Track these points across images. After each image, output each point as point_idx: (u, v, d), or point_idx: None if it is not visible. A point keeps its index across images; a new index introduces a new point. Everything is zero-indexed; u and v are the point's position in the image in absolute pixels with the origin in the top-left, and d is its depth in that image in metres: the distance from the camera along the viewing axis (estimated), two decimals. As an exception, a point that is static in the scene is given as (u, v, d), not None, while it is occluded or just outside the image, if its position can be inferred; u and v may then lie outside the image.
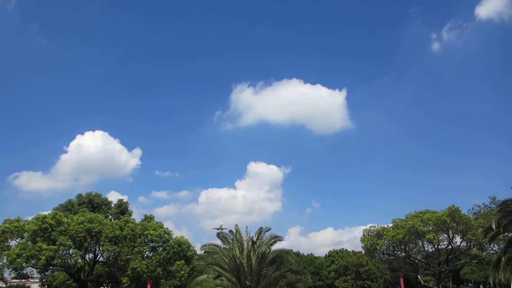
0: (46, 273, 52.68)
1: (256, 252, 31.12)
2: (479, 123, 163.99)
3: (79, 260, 46.10)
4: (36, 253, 38.93)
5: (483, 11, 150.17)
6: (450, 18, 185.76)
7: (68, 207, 56.31)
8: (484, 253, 63.40)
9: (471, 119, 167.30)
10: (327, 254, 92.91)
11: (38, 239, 39.96)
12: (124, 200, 63.08)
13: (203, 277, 31.49)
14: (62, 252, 41.17)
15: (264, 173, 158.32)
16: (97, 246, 46.00)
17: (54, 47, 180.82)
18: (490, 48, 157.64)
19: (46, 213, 43.19)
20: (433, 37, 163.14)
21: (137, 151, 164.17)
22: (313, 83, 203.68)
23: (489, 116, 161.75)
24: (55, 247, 39.56)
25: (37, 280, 61.94)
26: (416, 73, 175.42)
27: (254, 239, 32.31)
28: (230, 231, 37.54)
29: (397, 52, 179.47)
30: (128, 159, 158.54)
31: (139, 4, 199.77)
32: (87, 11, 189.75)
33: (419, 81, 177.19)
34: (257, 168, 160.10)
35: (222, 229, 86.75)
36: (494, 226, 33.03)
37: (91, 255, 48.18)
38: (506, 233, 36.80)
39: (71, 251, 42.04)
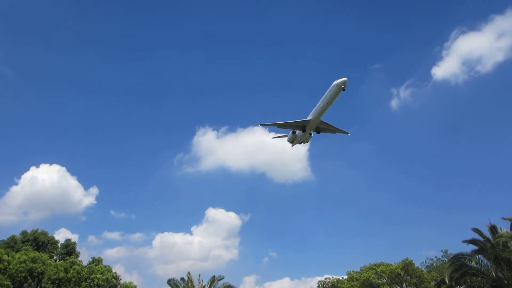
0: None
1: (209, 300, 30.15)
2: (432, 177, 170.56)
3: (17, 303, 42.83)
4: (-32, 293, 35.94)
5: (439, 72, 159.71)
6: (410, 76, 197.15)
7: (11, 244, 52.70)
8: (436, 307, 64.05)
9: (425, 173, 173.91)
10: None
11: (-28, 277, 37.03)
12: (72, 240, 60.00)
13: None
14: (-2, 293, 38.18)
15: (223, 219, 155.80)
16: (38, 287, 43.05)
17: (18, 78, 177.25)
18: (443, 107, 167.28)
19: (-15, 249, 40.36)
20: (393, 92, 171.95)
21: (94, 190, 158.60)
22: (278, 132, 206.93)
23: (441, 171, 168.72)
24: (-9, 287, 36.72)
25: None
26: (376, 126, 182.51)
27: (207, 287, 31.36)
28: (182, 278, 36.26)
29: (361, 105, 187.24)
30: (83, 197, 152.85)
31: (103, 41, 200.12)
32: (53, 46, 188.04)
33: (379, 134, 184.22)
34: (215, 214, 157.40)
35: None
36: (446, 280, 33.56)
37: (30, 298, 44.86)
38: (458, 287, 37.36)
39: (8, 292, 39.05)
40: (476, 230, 35.99)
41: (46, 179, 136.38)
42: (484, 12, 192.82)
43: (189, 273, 32.42)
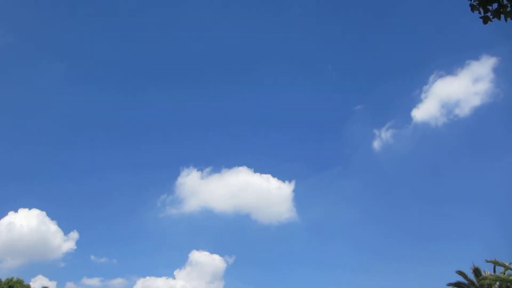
0: None
1: None
2: (417, 216, 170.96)
3: None
4: None
5: (419, 114, 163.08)
6: (392, 118, 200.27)
7: (-17, 294, 50.51)
8: None
9: (411, 213, 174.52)
10: None
11: None
12: (49, 288, 57.63)
13: None
14: None
15: (206, 262, 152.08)
16: None
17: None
18: (422, 150, 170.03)
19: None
20: (376, 133, 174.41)
21: (74, 235, 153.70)
22: (263, 172, 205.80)
23: (428, 209, 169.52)
24: None
25: None
26: (360, 167, 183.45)
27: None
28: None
29: (345, 145, 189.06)
30: (62, 242, 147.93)
31: (86, 78, 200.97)
32: (35, 84, 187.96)
33: (363, 175, 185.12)
34: (199, 257, 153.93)
35: None
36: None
37: None
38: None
39: None
40: (460, 273, 35.73)
41: (24, 224, 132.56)
42: (460, 57, 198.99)
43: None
